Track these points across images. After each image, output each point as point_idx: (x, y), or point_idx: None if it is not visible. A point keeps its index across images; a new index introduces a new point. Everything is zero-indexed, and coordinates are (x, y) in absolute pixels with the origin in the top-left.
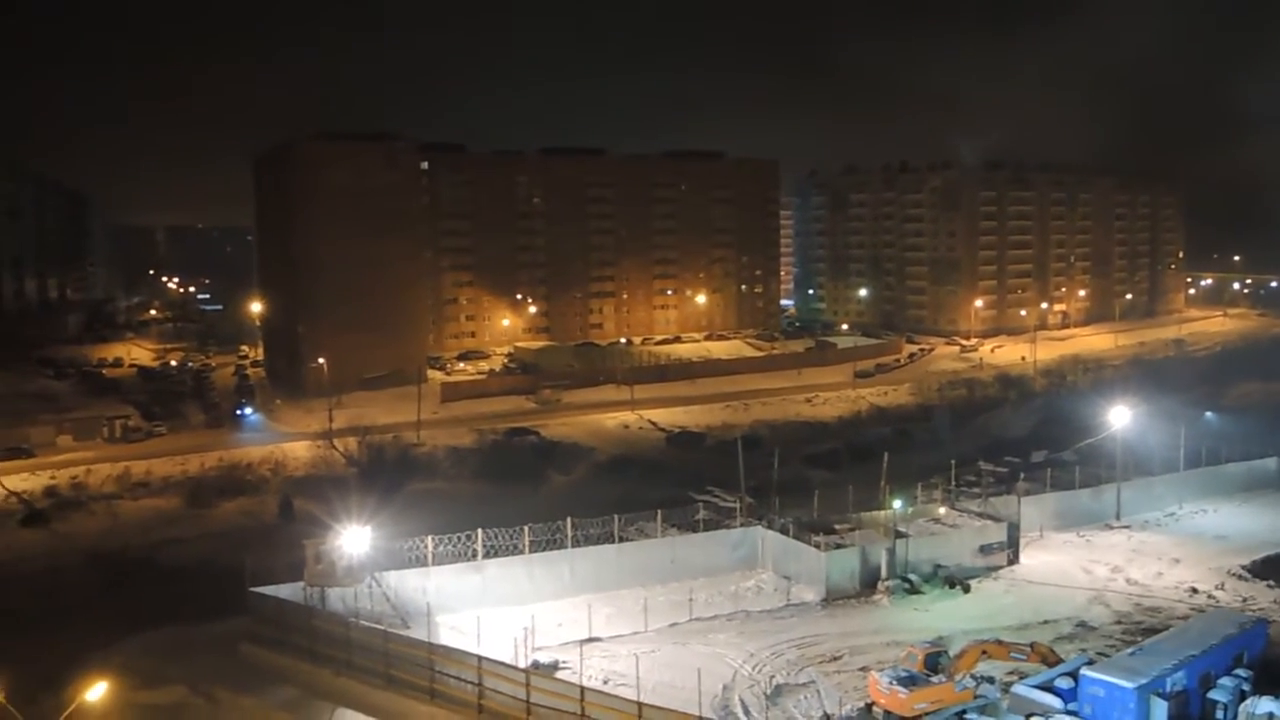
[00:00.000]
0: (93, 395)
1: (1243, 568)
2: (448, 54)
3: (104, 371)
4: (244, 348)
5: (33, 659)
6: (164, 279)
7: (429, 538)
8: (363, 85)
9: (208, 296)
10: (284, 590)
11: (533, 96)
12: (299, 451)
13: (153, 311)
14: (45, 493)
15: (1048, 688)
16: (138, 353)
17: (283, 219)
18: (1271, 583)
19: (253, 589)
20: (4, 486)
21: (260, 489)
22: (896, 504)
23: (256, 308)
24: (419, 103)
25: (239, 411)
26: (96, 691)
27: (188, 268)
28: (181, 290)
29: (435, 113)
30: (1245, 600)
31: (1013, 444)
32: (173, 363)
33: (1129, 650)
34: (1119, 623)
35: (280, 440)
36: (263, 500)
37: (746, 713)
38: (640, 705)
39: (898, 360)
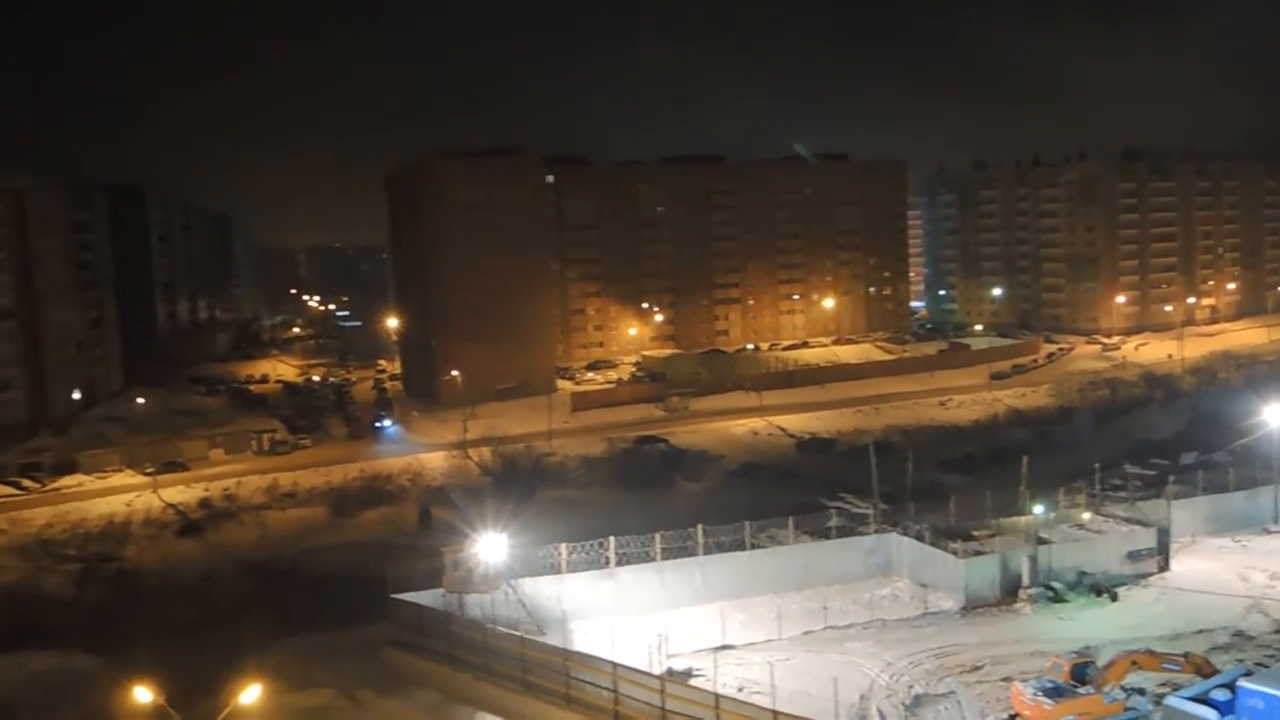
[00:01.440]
0: (241, 410)
1: None
2: (570, 66)
3: (251, 388)
4: (381, 362)
5: (190, 663)
6: (305, 297)
7: (562, 545)
8: (487, 103)
9: (346, 313)
10: (424, 597)
11: (654, 106)
12: (436, 462)
13: (295, 329)
14: (199, 504)
15: (1203, 700)
16: (282, 369)
17: (415, 235)
18: None
19: (394, 595)
20: (161, 499)
21: (400, 498)
22: (1038, 509)
23: (392, 323)
24: (542, 116)
25: (378, 424)
26: (251, 694)
27: (327, 286)
28: (322, 308)
29: (558, 126)
30: None
31: (1160, 446)
32: (315, 378)
33: None
34: (1278, 632)
35: (418, 451)
36: (402, 509)
37: None
38: (775, 713)
39: (1035, 361)
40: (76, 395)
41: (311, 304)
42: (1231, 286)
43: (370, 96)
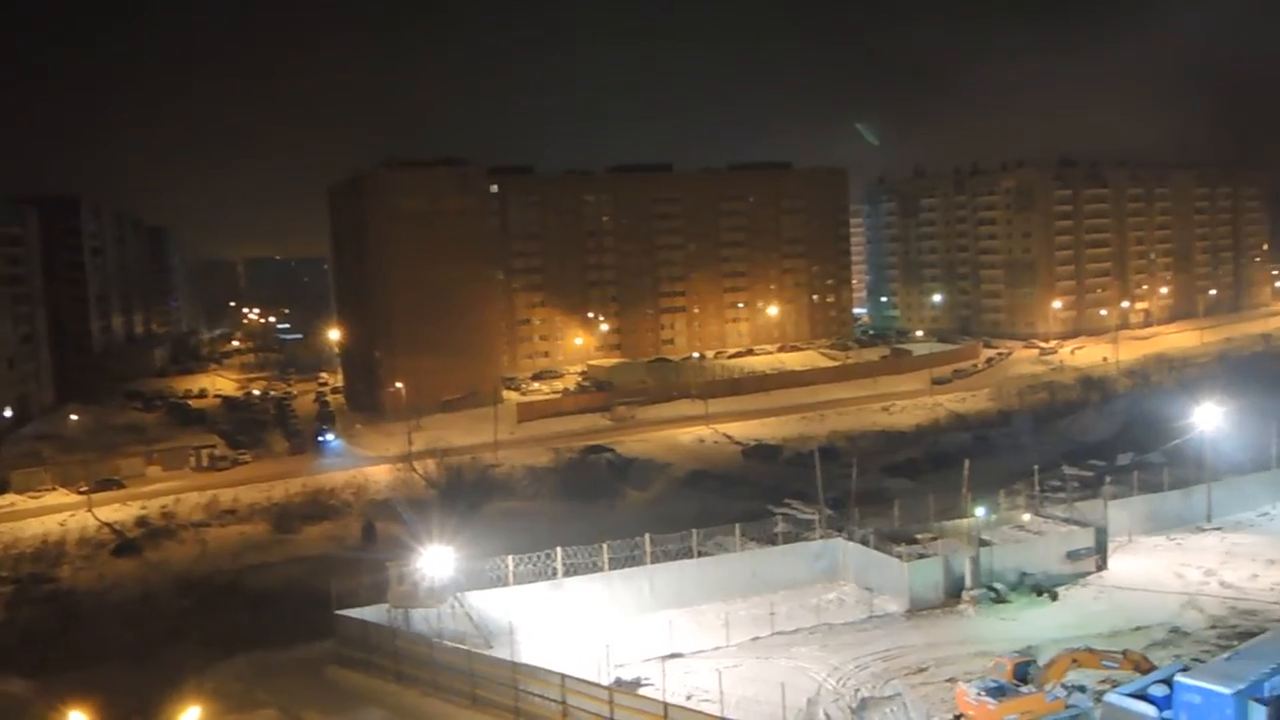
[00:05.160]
0: (180, 426)
1: None
2: (512, 78)
3: (190, 402)
4: (324, 375)
5: (127, 686)
6: (244, 310)
7: (509, 557)
8: (430, 113)
9: (287, 326)
10: (369, 612)
11: (598, 118)
12: (380, 475)
13: (234, 342)
14: (136, 522)
15: (1141, 696)
16: (221, 383)
17: (357, 246)
18: None
19: (338, 612)
20: (97, 518)
21: (343, 513)
22: (979, 512)
23: (335, 335)
24: (486, 127)
25: (320, 438)
26: (190, 717)
27: (267, 298)
28: (262, 321)
29: (502, 137)
30: None
31: (1097, 447)
32: (255, 392)
33: (1225, 655)
34: (1214, 627)
35: (361, 465)
36: (346, 524)
37: None
38: None
39: (975, 365)
40: (7, 413)
41: (251, 317)
42: (1164, 291)
43: (312, 108)
